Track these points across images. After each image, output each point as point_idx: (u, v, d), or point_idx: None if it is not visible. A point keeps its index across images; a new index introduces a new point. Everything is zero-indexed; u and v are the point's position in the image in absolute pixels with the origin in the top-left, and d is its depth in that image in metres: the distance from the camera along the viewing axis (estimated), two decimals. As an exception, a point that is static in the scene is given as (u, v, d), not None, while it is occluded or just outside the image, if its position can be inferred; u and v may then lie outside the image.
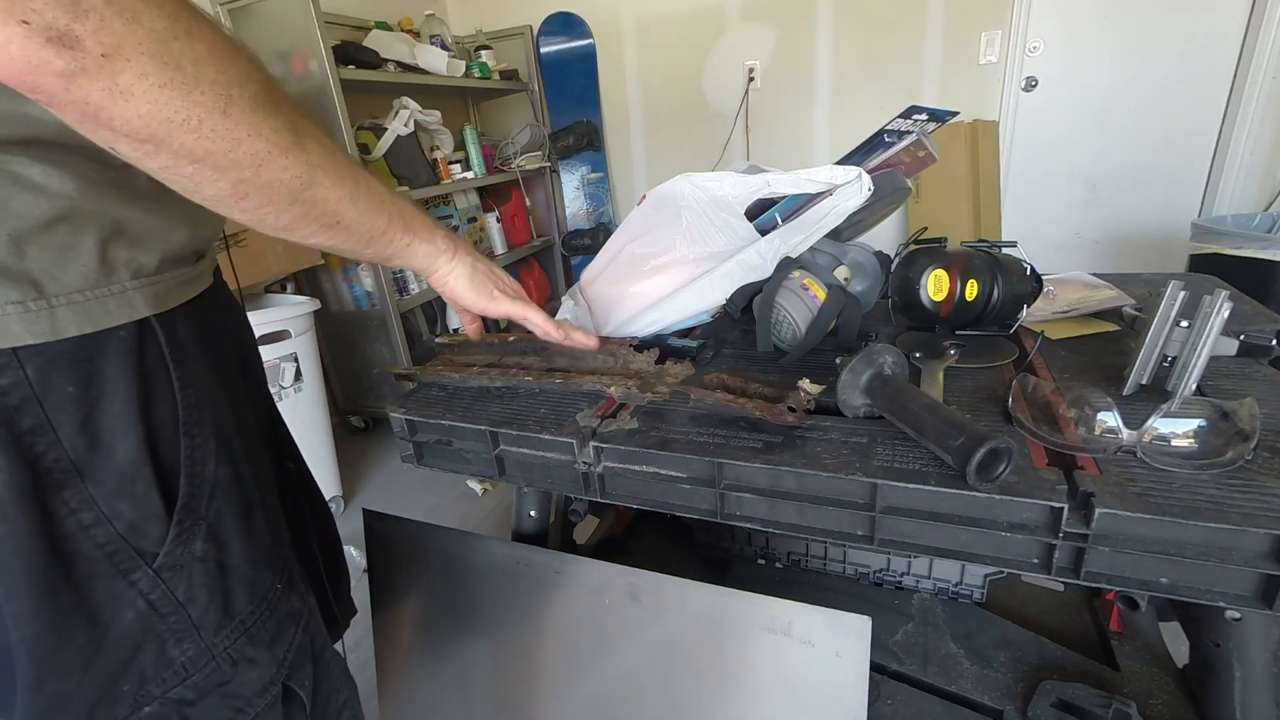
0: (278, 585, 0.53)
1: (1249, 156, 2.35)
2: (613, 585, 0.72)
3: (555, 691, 0.78)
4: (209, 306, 0.52)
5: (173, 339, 0.45)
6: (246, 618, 0.50)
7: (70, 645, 0.42)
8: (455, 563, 0.84)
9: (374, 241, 0.49)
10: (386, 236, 0.50)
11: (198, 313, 0.49)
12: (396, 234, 0.51)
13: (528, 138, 2.92)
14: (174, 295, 0.46)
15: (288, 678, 0.54)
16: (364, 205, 0.45)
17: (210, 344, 0.50)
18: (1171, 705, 0.75)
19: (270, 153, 0.36)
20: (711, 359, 0.82)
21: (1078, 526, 0.47)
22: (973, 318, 0.74)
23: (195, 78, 0.32)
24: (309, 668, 0.57)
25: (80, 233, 0.39)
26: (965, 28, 2.53)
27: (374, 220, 0.47)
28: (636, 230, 0.89)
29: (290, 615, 0.54)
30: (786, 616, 0.63)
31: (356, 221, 0.45)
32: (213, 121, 0.33)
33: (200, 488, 0.47)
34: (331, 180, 0.41)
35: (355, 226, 0.46)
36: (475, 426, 0.69)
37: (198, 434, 0.47)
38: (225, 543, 0.49)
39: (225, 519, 0.49)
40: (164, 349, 0.45)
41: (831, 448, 0.57)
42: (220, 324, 0.54)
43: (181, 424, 0.46)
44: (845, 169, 0.77)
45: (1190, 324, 0.58)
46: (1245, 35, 2.27)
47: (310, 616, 0.58)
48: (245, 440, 0.53)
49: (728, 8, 2.80)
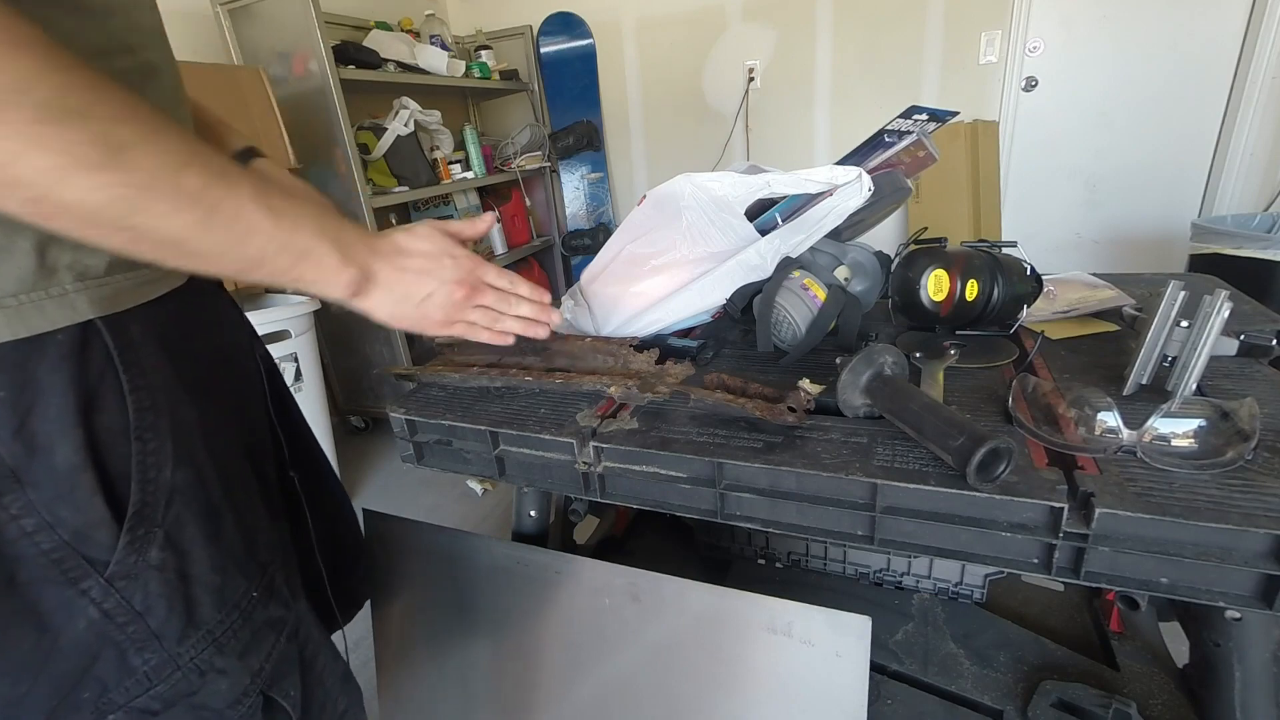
0: (253, 593, 0.51)
1: (1249, 156, 2.35)
2: (613, 585, 0.72)
3: (555, 692, 0.78)
4: (179, 306, 0.50)
5: (123, 341, 0.44)
6: (215, 627, 0.48)
7: (15, 650, 0.41)
8: (455, 563, 0.84)
9: (251, 271, 0.43)
10: (266, 268, 0.43)
11: (163, 313, 0.47)
12: (281, 264, 0.44)
13: (528, 138, 2.92)
14: (127, 296, 0.44)
15: (269, 687, 0.52)
16: (225, 234, 0.40)
17: (177, 345, 0.48)
18: (1171, 705, 0.75)
19: (67, 170, 0.32)
20: (711, 359, 0.82)
21: (1078, 526, 0.47)
22: (973, 318, 0.74)
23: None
24: (295, 677, 0.55)
25: (14, 235, 0.37)
26: (965, 28, 2.53)
27: (242, 249, 0.41)
28: (636, 230, 0.89)
29: (269, 624, 0.52)
30: (786, 616, 0.63)
31: (215, 251, 0.40)
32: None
33: (155, 494, 0.45)
34: (168, 206, 0.36)
35: (215, 256, 0.40)
36: (475, 426, 0.69)
37: (151, 438, 0.45)
38: (187, 550, 0.47)
39: (186, 526, 0.47)
40: (112, 351, 0.43)
41: (831, 448, 0.57)
42: (196, 324, 0.53)
43: (133, 428, 0.44)
44: (845, 169, 0.77)
45: (1190, 324, 0.58)
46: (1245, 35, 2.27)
47: (298, 624, 0.56)
48: (218, 443, 0.51)
49: (728, 8, 2.80)
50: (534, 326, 0.62)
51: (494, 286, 0.58)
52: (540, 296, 0.62)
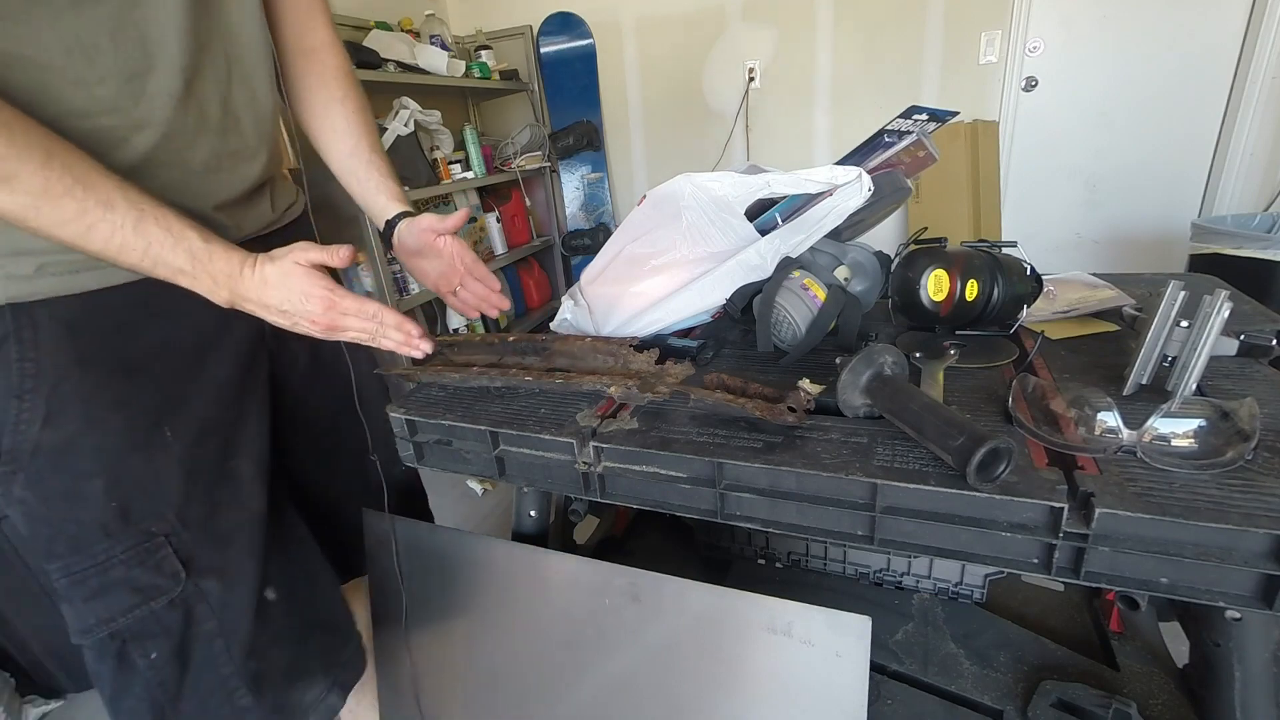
0: (116, 553, 0.60)
1: (1249, 156, 2.35)
2: (613, 585, 0.72)
3: (555, 691, 0.78)
4: (127, 301, 0.60)
5: (24, 322, 0.55)
6: (70, 564, 0.59)
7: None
8: (455, 563, 0.84)
9: (148, 274, 0.56)
10: (154, 275, 0.56)
11: (88, 306, 0.58)
12: (162, 274, 0.56)
13: (528, 138, 2.92)
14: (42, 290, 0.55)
15: (127, 640, 0.62)
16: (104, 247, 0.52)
17: (93, 331, 0.58)
18: (1171, 705, 0.75)
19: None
20: (711, 359, 0.82)
21: (1078, 526, 0.47)
22: (973, 318, 0.74)
23: None
24: (162, 643, 0.63)
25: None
26: (965, 28, 2.53)
27: (124, 260, 0.53)
28: (636, 230, 0.89)
29: (130, 584, 0.61)
30: (786, 616, 0.63)
31: (104, 257, 0.53)
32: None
33: (21, 443, 0.57)
34: (51, 221, 0.49)
35: (107, 260, 0.53)
36: (475, 426, 0.69)
37: (29, 400, 0.56)
38: (46, 497, 0.58)
39: (47, 479, 0.58)
40: (10, 330, 0.55)
41: (831, 448, 0.57)
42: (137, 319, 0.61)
43: (13, 389, 0.55)
44: (845, 169, 0.77)
45: (1190, 324, 0.58)
46: (1245, 35, 2.27)
47: (190, 601, 0.64)
48: (118, 418, 0.60)
49: (728, 8, 2.80)
50: (406, 350, 0.68)
51: (357, 317, 0.63)
52: (407, 329, 0.67)
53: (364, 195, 0.79)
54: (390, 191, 0.79)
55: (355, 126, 0.78)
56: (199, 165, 0.62)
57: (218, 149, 0.64)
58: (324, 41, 0.77)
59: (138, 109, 0.56)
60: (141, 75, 0.56)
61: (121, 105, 0.55)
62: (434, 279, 0.82)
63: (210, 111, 0.62)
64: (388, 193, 0.79)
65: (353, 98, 0.79)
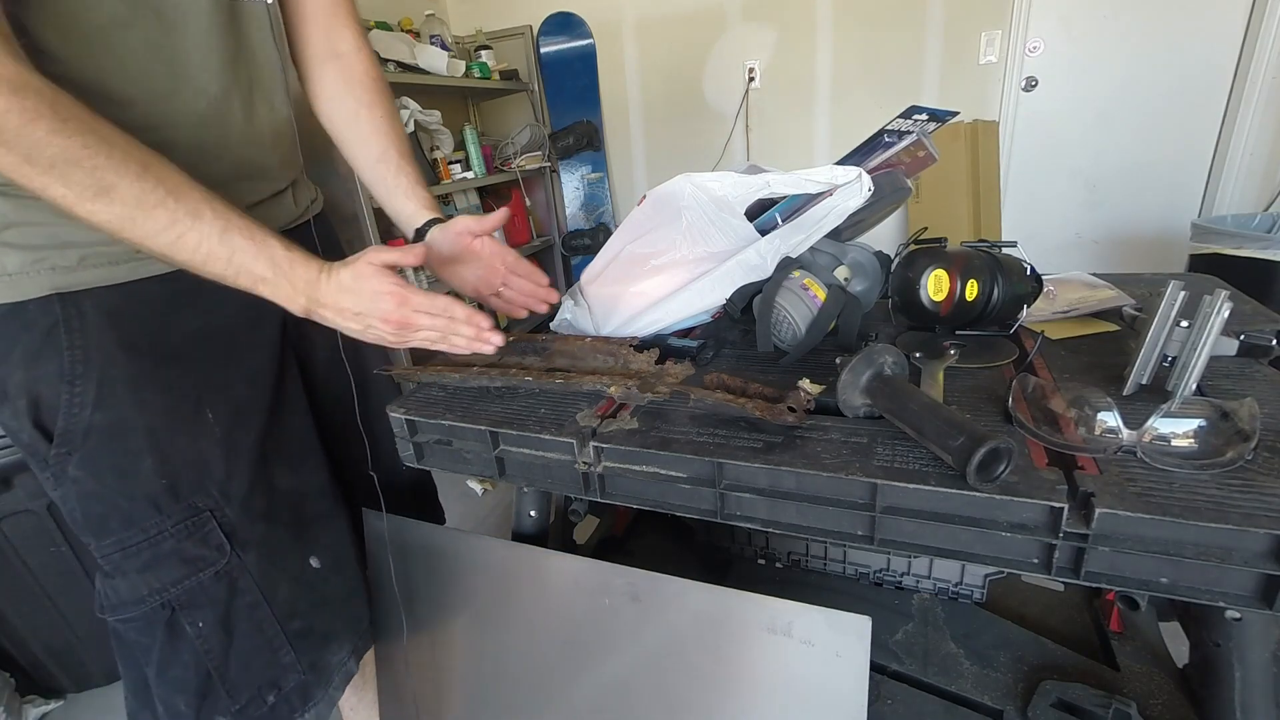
0: (168, 527, 0.64)
1: (1249, 156, 2.35)
2: (613, 585, 0.72)
3: (555, 691, 0.78)
4: (164, 292, 0.63)
5: (71, 312, 0.58)
6: (124, 538, 0.63)
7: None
8: (455, 563, 0.84)
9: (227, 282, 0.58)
10: (235, 283, 0.58)
11: (130, 295, 0.61)
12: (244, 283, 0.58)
13: (528, 138, 2.92)
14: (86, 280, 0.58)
15: (177, 609, 0.65)
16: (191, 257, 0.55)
17: (138, 319, 0.61)
18: (1171, 705, 0.75)
19: (75, 200, 0.49)
20: (711, 359, 0.82)
21: (1078, 526, 0.47)
22: (973, 318, 0.74)
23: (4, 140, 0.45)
24: (209, 613, 0.67)
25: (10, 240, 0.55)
26: (965, 28, 2.53)
27: (208, 269, 0.56)
28: (636, 230, 0.89)
29: (179, 556, 0.64)
30: (786, 616, 0.63)
31: (190, 267, 0.56)
32: (23, 170, 0.47)
33: (75, 425, 0.60)
34: (145, 233, 0.52)
35: (192, 269, 0.56)
36: (475, 426, 0.69)
37: (80, 385, 0.59)
38: (100, 475, 0.61)
39: (100, 458, 0.61)
40: (59, 319, 0.58)
41: (831, 448, 0.57)
42: (174, 309, 0.64)
43: (65, 375, 0.58)
44: (845, 169, 0.77)
45: (1190, 324, 0.58)
46: (1245, 35, 2.27)
47: (235, 573, 0.67)
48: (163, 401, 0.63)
49: (728, 8, 2.80)
50: (477, 345, 0.68)
51: (428, 313, 0.64)
52: (477, 321, 0.66)
53: (392, 202, 0.79)
54: (420, 198, 0.78)
55: (383, 133, 0.78)
56: (223, 176, 0.63)
57: (241, 160, 0.67)
58: (352, 47, 0.77)
59: (164, 129, 0.58)
60: (168, 97, 0.59)
61: (151, 125, 0.57)
62: (473, 284, 0.81)
63: (233, 128, 0.65)
64: (417, 199, 0.78)
65: (380, 104, 0.79)
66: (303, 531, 0.75)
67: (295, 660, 0.73)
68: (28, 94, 0.46)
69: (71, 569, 1.27)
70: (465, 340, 0.67)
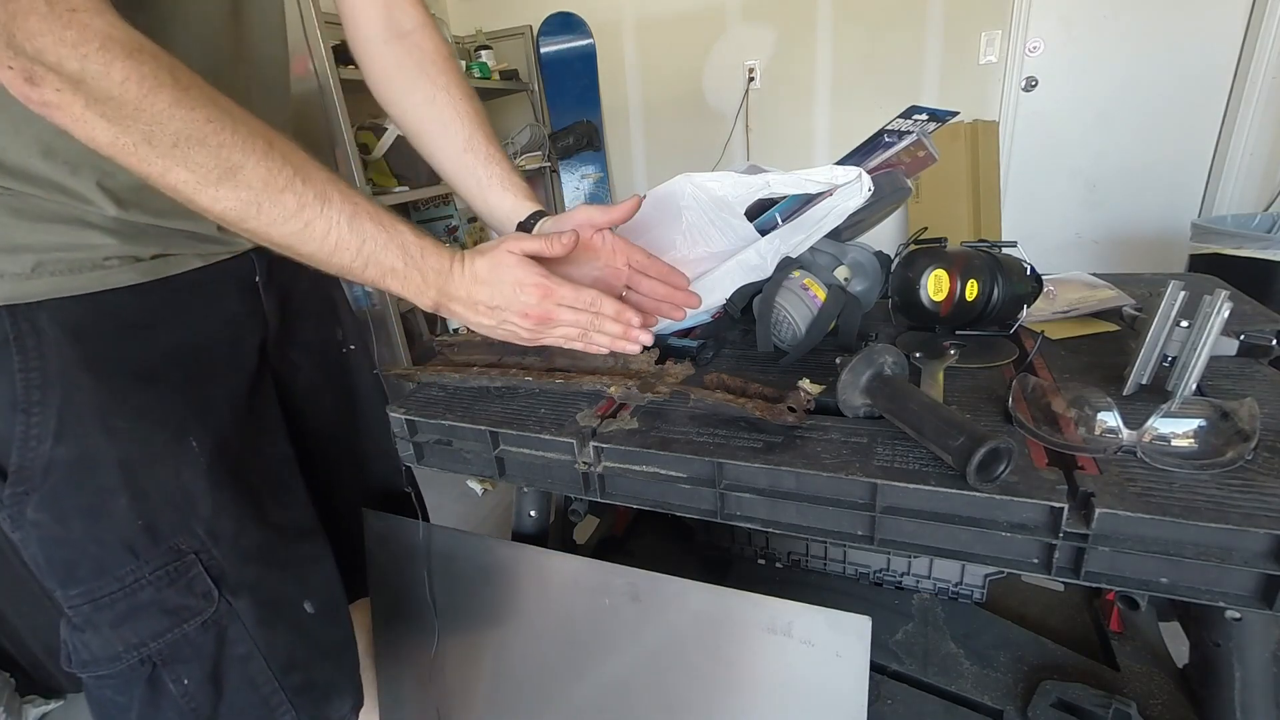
0: (145, 574, 0.56)
1: (1249, 156, 2.35)
2: (613, 585, 0.72)
3: (554, 691, 0.78)
4: (125, 303, 0.55)
5: (25, 327, 0.51)
6: (94, 588, 0.55)
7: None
8: (455, 563, 0.84)
9: (350, 276, 0.52)
10: (360, 277, 0.52)
11: (94, 307, 0.53)
12: (371, 276, 0.53)
13: (528, 138, 2.92)
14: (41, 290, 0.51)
15: (160, 664, 0.57)
16: (318, 247, 0.49)
17: (101, 336, 0.54)
18: (1171, 705, 0.75)
19: (199, 184, 0.43)
20: (711, 359, 0.82)
21: (1078, 526, 0.47)
22: (973, 318, 0.74)
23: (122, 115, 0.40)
24: (195, 667, 0.59)
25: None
26: (965, 28, 2.53)
27: (334, 260, 0.51)
28: (636, 230, 0.89)
29: (159, 606, 0.56)
30: (786, 616, 0.63)
31: (313, 258, 0.50)
32: (141, 151, 0.41)
33: (33, 461, 0.52)
34: (271, 219, 0.47)
35: (315, 262, 0.51)
36: (475, 426, 0.69)
37: (37, 413, 0.51)
38: (64, 518, 0.53)
39: (64, 498, 0.53)
40: (9, 334, 0.50)
41: (831, 448, 0.57)
42: (148, 322, 0.57)
43: (18, 402, 0.51)
44: (845, 169, 0.77)
45: (1190, 324, 0.58)
46: (1245, 35, 2.27)
47: (224, 621, 0.59)
48: (139, 428, 0.55)
49: (728, 8, 2.80)
50: (622, 345, 0.62)
51: (572, 307, 0.59)
52: (627, 317, 0.60)
53: (486, 196, 0.70)
54: (518, 188, 0.70)
55: (466, 117, 0.69)
56: None
57: None
58: (418, 22, 0.69)
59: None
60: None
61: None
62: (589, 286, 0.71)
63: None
64: (515, 190, 0.70)
65: (457, 84, 0.70)
66: (296, 573, 0.67)
67: (295, 718, 0.65)
68: (144, 58, 0.39)
69: (71, 569, 1.27)
70: (609, 339, 0.60)
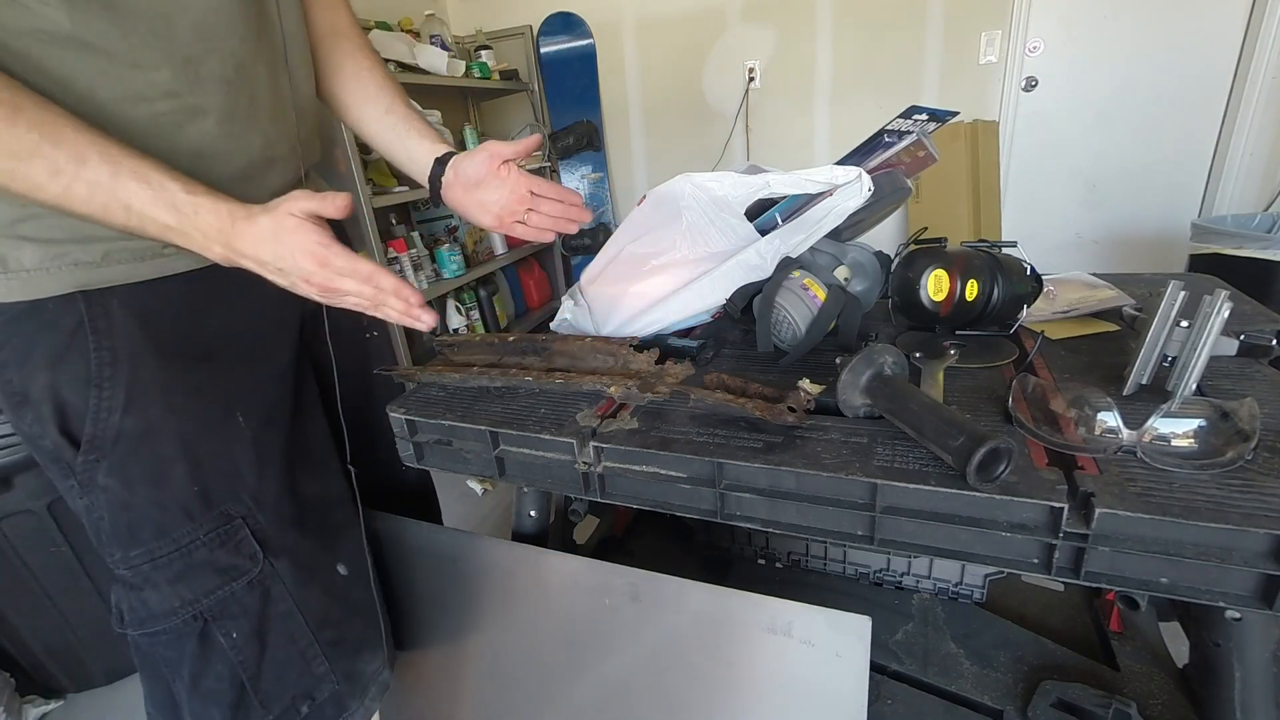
0: (199, 536, 0.62)
1: (1249, 156, 2.35)
2: (613, 585, 0.72)
3: (555, 692, 0.78)
4: (190, 291, 0.61)
5: (97, 310, 0.56)
6: (154, 549, 0.60)
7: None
8: (455, 563, 0.84)
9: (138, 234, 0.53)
10: (145, 233, 0.52)
11: (157, 293, 0.59)
12: (151, 231, 0.53)
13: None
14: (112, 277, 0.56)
15: (211, 619, 0.63)
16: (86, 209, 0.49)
17: (162, 320, 0.60)
18: (1171, 705, 0.75)
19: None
20: (711, 359, 0.82)
21: (1078, 526, 0.47)
22: (973, 318, 0.74)
23: None
24: (243, 623, 0.65)
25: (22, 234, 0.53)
26: (965, 28, 2.53)
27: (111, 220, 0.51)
28: (636, 230, 0.89)
29: (212, 566, 0.63)
30: (786, 616, 0.63)
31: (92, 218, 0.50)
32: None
33: (104, 431, 0.57)
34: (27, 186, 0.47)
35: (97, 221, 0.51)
36: (475, 426, 0.69)
37: (108, 388, 0.57)
38: (130, 483, 0.59)
39: (131, 465, 0.59)
40: (84, 318, 0.56)
41: (831, 448, 0.57)
42: (202, 307, 0.63)
43: (92, 378, 0.56)
44: (845, 169, 0.77)
45: (1190, 324, 0.58)
46: (1245, 35, 2.27)
47: (268, 580, 0.66)
48: (195, 404, 0.62)
49: (728, 8, 2.80)
50: (408, 321, 0.62)
51: (352, 278, 0.58)
52: (405, 294, 0.60)
53: (405, 145, 0.78)
54: (435, 137, 0.78)
55: (387, 89, 0.78)
56: (257, 154, 0.62)
57: (271, 137, 0.64)
58: (348, 24, 0.78)
59: (193, 94, 0.56)
60: (196, 61, 0.55)
61: (178, 90, 0.54)
62: (495, 211, 0.76)
63: (261, 99, 0.62)
64: (431, 138, 0.77)
65: (380, 67, 0.79)
66: (329, 539, 0.74)
67: (329, 670, 0.71)
68: None
69: (71, 569, 1.27)
70: (396, 313, 0.61)
